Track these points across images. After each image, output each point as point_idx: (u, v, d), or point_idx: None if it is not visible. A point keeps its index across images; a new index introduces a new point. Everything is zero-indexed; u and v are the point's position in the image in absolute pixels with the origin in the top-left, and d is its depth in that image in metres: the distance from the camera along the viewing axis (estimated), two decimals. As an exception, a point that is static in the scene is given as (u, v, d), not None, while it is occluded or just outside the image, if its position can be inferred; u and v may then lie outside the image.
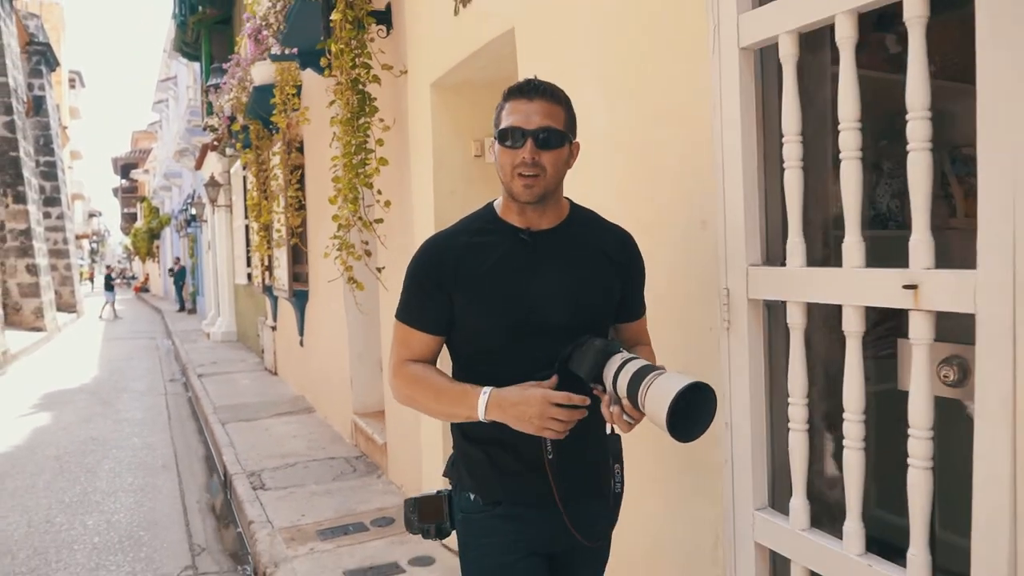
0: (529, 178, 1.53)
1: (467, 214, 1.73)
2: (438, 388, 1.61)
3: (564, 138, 1.56)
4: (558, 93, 1.58)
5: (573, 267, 1.62)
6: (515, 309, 1.58)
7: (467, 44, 3.26)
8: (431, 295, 1.62)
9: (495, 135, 1.59)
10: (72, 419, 8.03)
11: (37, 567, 4.04)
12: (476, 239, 1.62)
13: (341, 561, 3.67)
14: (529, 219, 1.62)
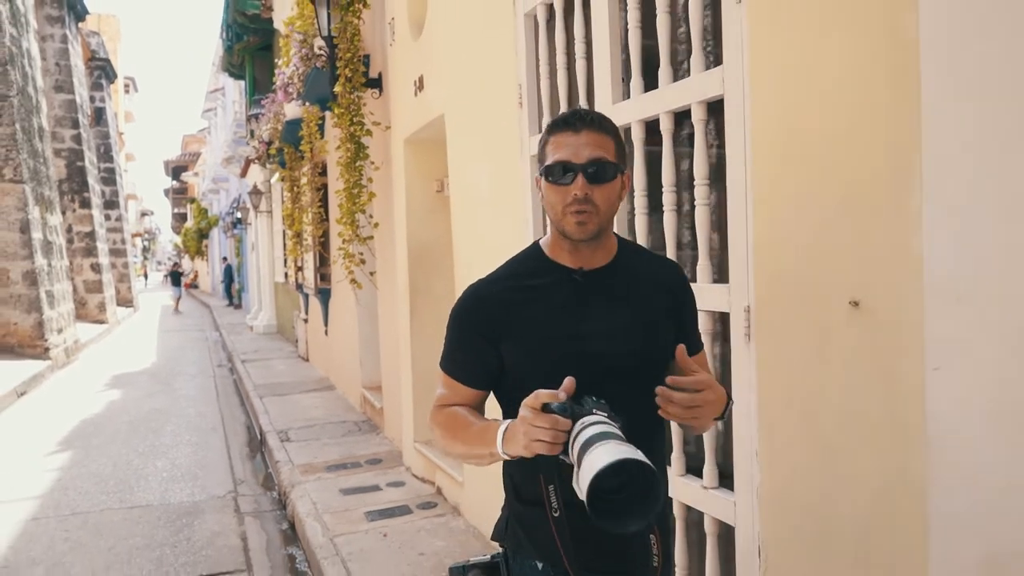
0: (582, 214, 1.42)
1: (511, 257, 1.61)
2: (465, 427, 1.50)
3: (616, 170, 1.45)
4: (606, 123, 1.48)
5: (629, 306, 1.51)
6: (569, 353, 1.45)
7: (422, 117, 4.67)
8: (475, 348, 1.52)
9: (540, 171, 1.48)
10: (138, 395, 9.65)
11: (123, 489, 5.57)
12: (524, 283, 1.51)
13: (339, 484, 5.11)
14: (582, 258, 1.50)
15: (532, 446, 1.28)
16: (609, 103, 2.51)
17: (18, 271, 12.33)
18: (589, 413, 1.26)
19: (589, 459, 1.14)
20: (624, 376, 1.45)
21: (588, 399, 1.30)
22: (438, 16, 4.29)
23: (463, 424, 1.50)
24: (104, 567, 4.15)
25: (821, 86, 1.73)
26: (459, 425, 1.51)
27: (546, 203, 1.48)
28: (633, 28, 2.39)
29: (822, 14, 1.72)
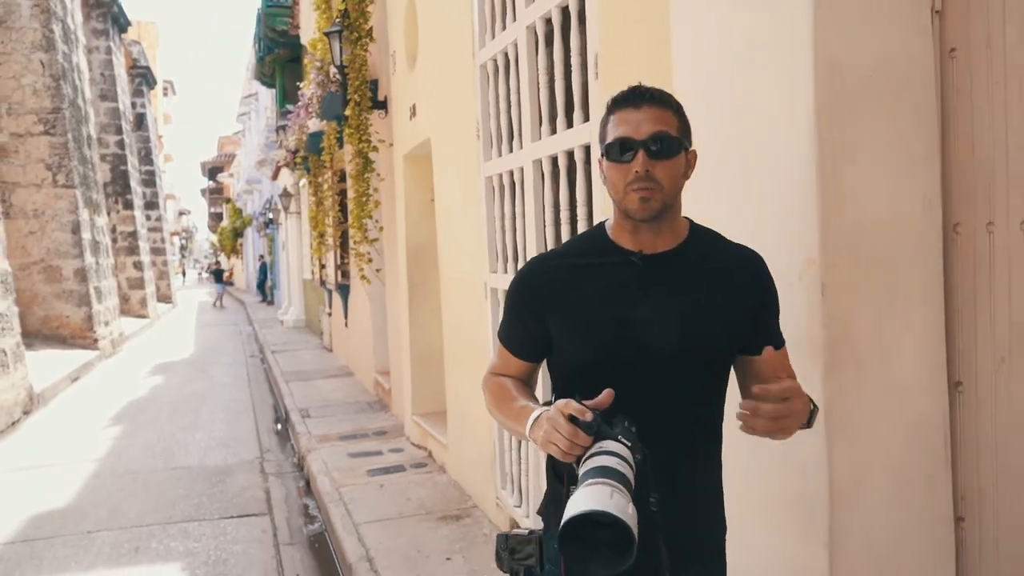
0: (645, 191, 1.37)
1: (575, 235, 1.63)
2: (508, 401, 1.52)
3: (680, 146, 1.40)
4: (668, 98, 1.43)
5: (688, 294, 1.44)
6: (616, 338, 1.42)
7: (415, 138, 5.52)
8: (525, 322, 1.53)
9: (601, 150, 1.44)
10: (178, 381, 10.68)
11: (167, 455, 6.51)
12: (582, 261, 1.49)
13: (347, 450, 5.99)
14: (643, 240, 1.45)
15: (548, 447, 1.29)
16: (529, 141, 3.34)
17: (70, 268, 13.47)
18: (613, 438, 1.24)
19: (577, 495, 1.14)
20: (669, 367, 1.41)
21: (621, 422, 1.28)
22: (424, 56, 5.14)
23: (507, 397, 1.53)
24: (153, 509, 5.08)
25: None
26: (504, 397, 1.54)
27: (608, 184, 1.44)
28: (544, 86, 3.21)
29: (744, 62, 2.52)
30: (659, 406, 1.41)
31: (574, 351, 1.48)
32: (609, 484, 1.14)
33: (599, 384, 1.34)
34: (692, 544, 1.45)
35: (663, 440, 1.37)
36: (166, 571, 4.09)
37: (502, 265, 3.84)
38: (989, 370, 1.83)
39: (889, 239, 1.80)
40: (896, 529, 1.81)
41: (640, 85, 1.43)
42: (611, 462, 1.20)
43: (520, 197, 3.49)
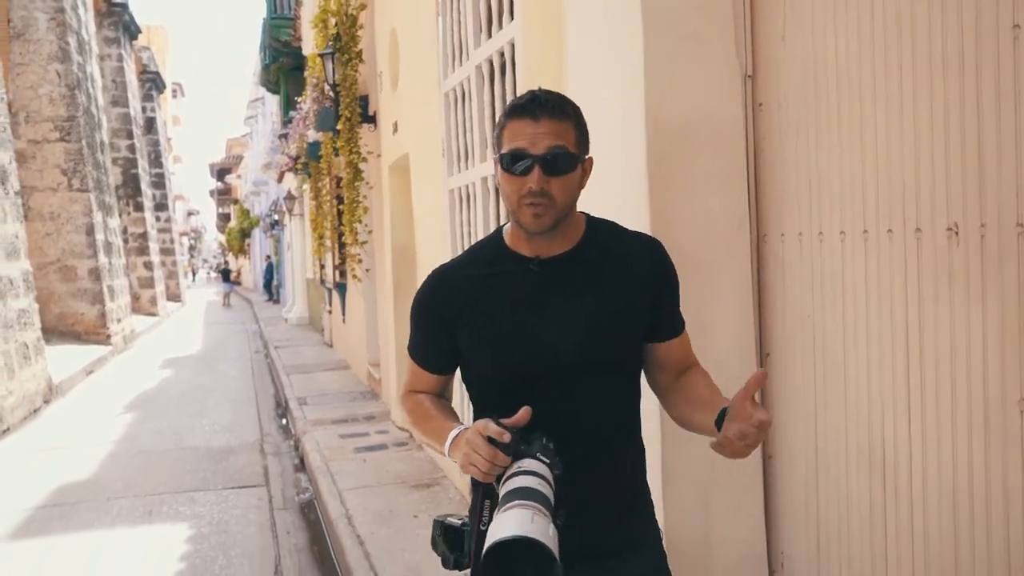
0: (538, 206, 1.36)
1: (476, 242, 1.64)
2: (426, 420, 1.53)
3: (575, 161, 1.38)
4: (566, 107, 1.39)
5: (588, 295, 1.43)
6: (522, 349, 1.42)
7: (397, 151, 6.16)
8: (433, 335, 1.52)
9: (496, 158, 1.42)
10: (187, 374, 11.36)
11: (176, 437, 7.18)
12: (482, 271, 1.48)
13: (338, 431, 6.64)
14: (539, 246, 1.45)
15: (468, 468, 1.29)
16: (478, 161, 3.97)
17: (84, 268, 14.19)
18: (532, 456, 1.27)
19: (499, 519, 1.16)
20: (579, 370, 1.42)
21: (539, 439, 1.31)
22: (404, 79, 5.78)
23: (425, 416, 1.53)
24: (164, 482, 5.74)
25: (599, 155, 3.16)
26: (422, 416, 1.54)
27: (502, 193, 1.43)
28: (488, 117, 3.85)
29: (607, 115, 3.14)
30: (573, 409, 1.42)
31: (481, 362, 1.49)
32: (530, 507, 1.16)
33: (511, 392, 1.39)
34: (622, 536, 1.49)
35: (582, 441, 1.41)
36: (176, 530, 4.74)
37: (462, 265, 4.46)
38: (788, 342, 2.45)
39: (708, 248, 2.42)
40: (714, 467, 2.42)
41: (539, 92, 1.39)
42: (531, 482, 1.22)
43: (473, 207, 4.12)
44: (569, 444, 1.35)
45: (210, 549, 4.39)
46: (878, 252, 2.03)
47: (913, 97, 1.89)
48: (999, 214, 1.68)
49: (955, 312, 1.81)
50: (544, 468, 1.26)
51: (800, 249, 2.34)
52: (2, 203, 8.97)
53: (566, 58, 2.85)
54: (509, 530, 1.12)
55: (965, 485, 1.81)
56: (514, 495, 1.19)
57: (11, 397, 8.07)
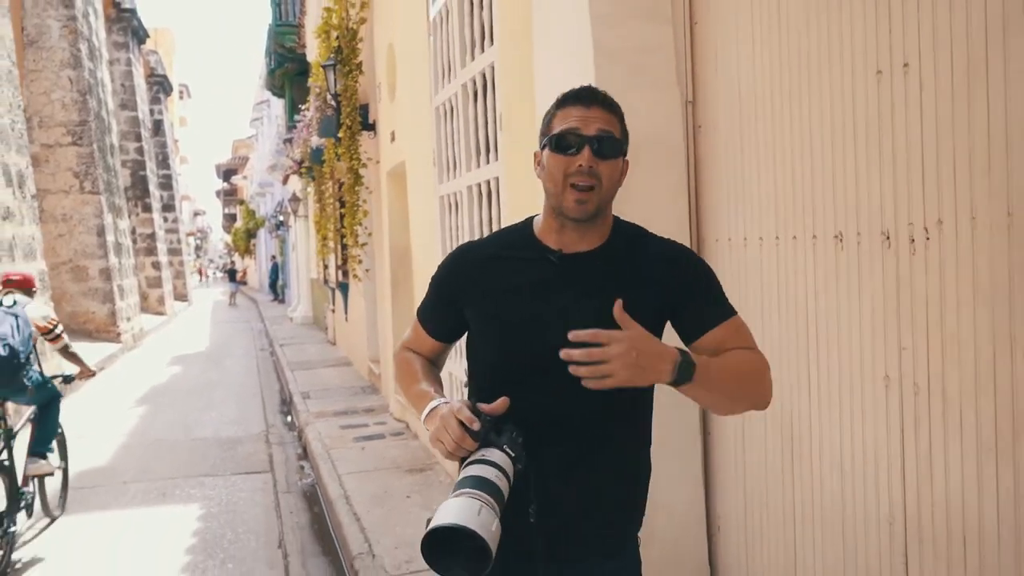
0: (583, 191, 1.38)
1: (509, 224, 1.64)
2: (411, 382, 1.58)
3: (621, 148, 1.43)
4: (615, 105, 1.45)
5: (600, 294, 1.39)
6: (526, 338, 1.43)
7: (395, 158, 6.55)
8: (442, 303, 1.58)
9: (543, 142, 1.44)
10: (195, 371, 11.77)
11: (187, 429, 7.58)
12: (505, 254, 1.51)
13: (339, 423, 7.03)
14: (565, 240, 1.46)
15: (435, 444, 1.34)
16: (465, 171, 4.35)
17: (95, 268, 14.61)
18: (498, 447, 1.29)
19: (448, 503, 1.18)
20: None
21: (509, 432, 1.32)
22: (401, 92, 6.17)
23: (414, 377, 1.58)
24: (176, 468, 6.14)
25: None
26: (409, 376, 1.60)
27: (546, 176, 1.43)
28: (472, 132, 4.22)
29: None
30: (566, 402, 1.40)
31: (485, 343, 1.52)
32: (479, 498, 1.18)
33: (508, 377, 1.44)
34: (597, 539, 1.48)
35: (573, 434, 1.43)
36: (188, 510, 5.13)
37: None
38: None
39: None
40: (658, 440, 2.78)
41: (591, 86, 1.47)
42: (488, 473, 1.24)
43: (459, 213, 4.50)
44: (558, 438, 1.40)
45: (220, 527, 4.78)
46: (786, 254, 2.40)
47: (810, 126, 2.27)
48: (869, 225, 2.05)
49: (840, 304, 2.18)
50: (507, 461, 1.28)
51: (730, 251, 2.72)
52: (20, 206, 9.38)
53: (535, 82, 3.23)
54: (451, 517, 1.15)
55: (849, 447, 2.18)
56: (467, 483, 1.22)
57: (29, 391, 8.47)
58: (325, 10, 8.40)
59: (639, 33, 2.76)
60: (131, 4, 22.19)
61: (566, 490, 1.42)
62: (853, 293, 2.12)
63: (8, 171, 9.07)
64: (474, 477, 1.24)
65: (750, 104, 2.55)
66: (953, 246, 1.80)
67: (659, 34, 2.79)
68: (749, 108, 2.55)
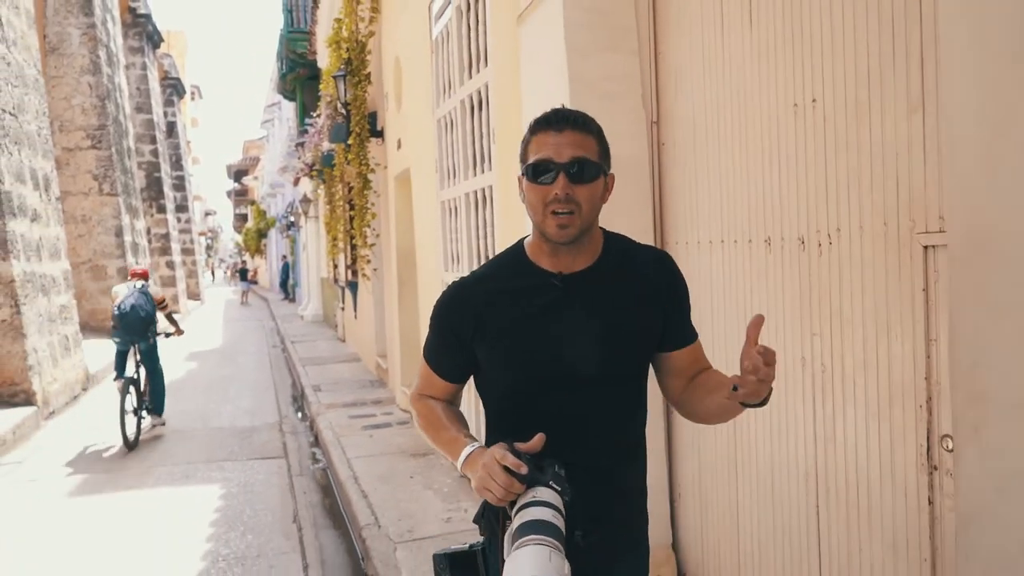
0: (563, 216, 1.41)
1: (496, 254, 1.66)
2: (438, 429, 1.57)
3: (599, 170, 1.45)
4: (589, 123, 1.47)
5: (608, 310, 1.48)
6: (541, 361, 1.47)
7: (401, 165, 6.98)
8: (450, 344, 1.56)
9: (522, 170, 1.47)
10: (210, 366, 12.25)
11: (204, 420, 8.04)
12: (505, 285, 1.52)
13: (348, 413, 7.47)
14: (562, 262, 1.49)
15: (483, 492, 1.33)
16: (462, 179, 4.78)
17: (113, 268, 15.13)
18: (545, 484, 1.31)
19: (516, 556, 1.20)
20: (596, 383, 1.46)
21: (551, 466, 1.34)
22: (407, 103, 6.60)
23: (438, 424, 1.57)
24: (197, 454, 6.59)
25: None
26: (435, 424, 1.58)
27: (527, 203, 1.47)
28: (469, 143, 4.64)
29: None
30: (586, 420, 1.46)
31: (501, 374, 1.52)
32: (547, 544, 1.20)
33: (527, 403, 1.47)
34: (626, 539, 1.55)
35: (593, 452, 1.47)
36: (210, 490, 5.58)
37: (450, 265, 5.30)
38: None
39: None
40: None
41: (563, 108, 1.49)
42: (546, 515, 1.25)
43: (458, 217, 4.93)
44: (582, 455, 1.43)
45: (239, 504, 5.22)
46: (730, 256, 2.81)
47: (745, 147, 2.68)
48: (789, 231, 2.46)
49: (768, 298, 2.59)
50: (556, 498, 1.30)
51: (687, 254, 3.13)
52: (46, 208, 9.87)
53: (522, 102, 3.65)
54: (529, 571, 1.16)
55: (776, 417, 2.59)
56: (529, 528, 1.22)
57: (55, 383, 8.96)
58: (336, 21, 8.86)
59: (609, 63, 3.18)
60: (146, 9, 22.75)
61: (598, 502, 1.45)
62: (778, 289, 2.53)
63: (35, 175, 9.56)
64: (534, 522, 1.24)
65: (701, 126, 2.96)
66: (848, 249, 2.21)
67: (627, 64, 3.21)
68: (700, 129, 2.97)
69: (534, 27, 3.43)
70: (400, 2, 6.54)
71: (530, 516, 1.25)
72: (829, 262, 2.29)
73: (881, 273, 2.10)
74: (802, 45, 2.36)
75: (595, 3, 3.15)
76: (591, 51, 3.15)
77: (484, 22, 4.27)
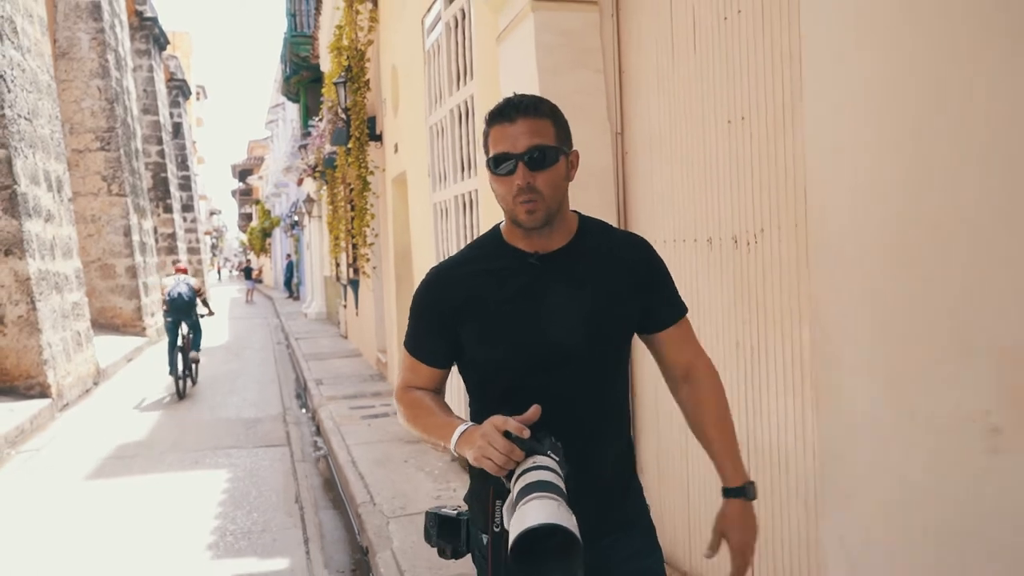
0: (529, 203, 1.45)
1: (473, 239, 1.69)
2: (427, 416, 1.56)
3: (557, 153, 1.47)
4: (541, 106, 1.49)
5: (587, 288, 1.52)
6: (525, 340, 1.49)
7: (398, 168, 7.34)
8: (432, 328, 1.58)
9: (486, 164, 1.51)
10: (217, 361, 12.62)
11: (212, 411, 8.42)
12: (482, 267, 1.55)
13: (348, 404, 7.84)
14: (537, 242, 1.53)
15: (482, 461, 1.34)
16: (452, 183, 5.14)
17: (122, 266, 15.53)
18: (543, 454, 1.32)
19: (522, 510, 1.20)
20: (577, 360, 1.50)
21: (548, 438, 1.36)
22: (403, 109, 6.96)
23: (426, 411, 1.57)
24: (205, 442, 6.97)
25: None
26: (422, 412, 1.57)
27: (496, 195, 1.51)
28: (458, 149, 5.00)
29: None
30: (570, 395, 1.50)
31: (484, 354, 1.54)
32: (552, 498, 1.21)
33: (512, 382, 1.50)
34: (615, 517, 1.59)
35: (577, 426, 1.49)
36: (218, 474, 5.95)
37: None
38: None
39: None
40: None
41: (514, 97, 1.51)
42: (550, 477, 1.27)
43: (448, 218, 5.28)
44: (567, 432, 1.43)
45: (245, 487, 5.59)
46: (682, 254, 3.16)
47: (689, 156, 3.03)
48: (726, 231, 2.81)
49: (711, 292, 2.94)
50: (555, 464, 1.32)
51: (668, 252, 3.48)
52: (58, 209, 10.26)
53: (503, 115, 4.00)
54: (538, 518, 1.17)
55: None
56: (534, 488, 1.24)
57: (69, 377, 9.35)
58: (337, 28, 9.23)
59: (577, 80, 3.53)
60: (153, 13, 23.14)
61: (582, 476, 1.45)
62: (718, 283, 2.89)
63: (49, 177, 9.95)
64: (538, 482, 1.26)
65: (656, 138, 3.31)
66: (769, 247, 2.56)
67: (593, 80, 3.56)
68: (656, 141, 3.32)
69: (511, 47, 3.78)
70: (397, 14, 6.90)
71: (533, 478, 1.27)
72: (755, 259, 2.64)
73: (793, 268, 2.45)
74: (734, 69, 2.71)
75: (564, 26, 3.50)
76: (560, 69, 3.50)
77: (470, 38, 4.62)
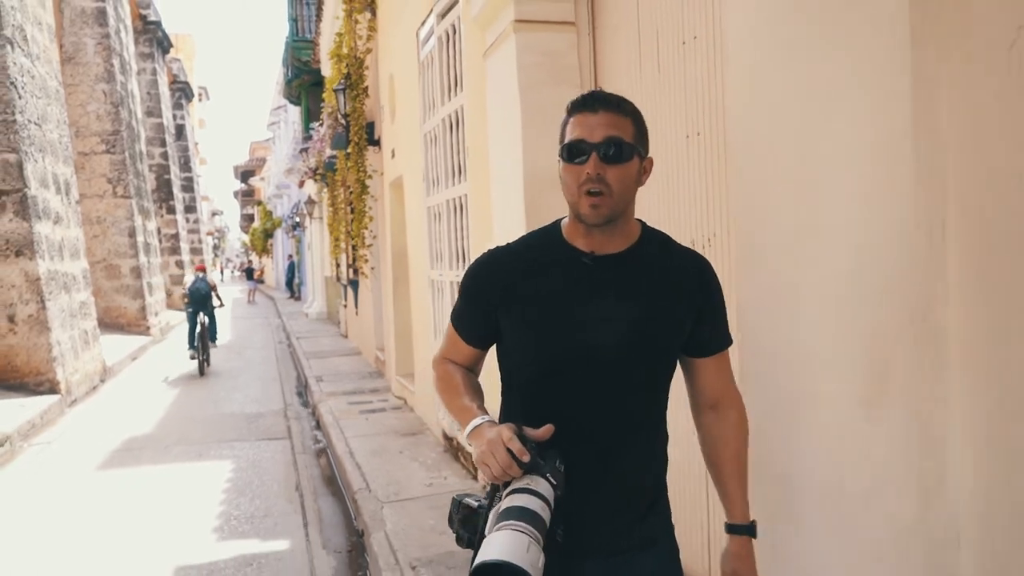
0: (595, 196, 1.41)
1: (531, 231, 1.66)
2: (454, 395, 1.59)
3: (632, 151, 1.45)
4: (625, 105, 1.47)
5: (637, 296, 1.48)
6: (562, 336, 1.46)
7: (395, 172, 7.63)
8: (477, 310, 1.58)
9: (559, 152, 1.48)
10: (220, 359, 12.91)
11: (216, 406, 8.72)
12: (535, 257, 1.54)
13: (347, 400, 8.13)
14: (595, 242, 1.50)
15: (481, 466, 1.35)
16: (444, 188, 5.43)
17: (127, 267, 15.84)
18: (542, 475, 1.32)
19: (492, 537, 1.23)
20: (616, 367, 1.46)
21: (552, 459, 1.36)
22: (399, 116, 7.25)
23: (454, 390, 1.60)
24: (209, 435, 7.26)
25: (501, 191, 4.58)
26: (451, 389, 1.61)
27: (563, 185, 1.47)
28: (449, 156, 5.29)
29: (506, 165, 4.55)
30: (595, 401, 1.47)
31: (520, 345, 1.53)
32: (528, 533, 1.22)
33: (544, 379, 1.48)
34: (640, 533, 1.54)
35: (597, 433, 1.47)
36: (222, 465, 6.24)
37: (435, 263, 5.95)
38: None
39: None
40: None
41: (599, 90, 1.50)
42: (535, 505, 1.27)
43: (440, 221, 5.57)
44: (585, 437, 1.44)
45: (248, 476, 5.88)
46: (648, 256, 3.44)
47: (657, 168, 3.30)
48: (685, 236, 3.10)
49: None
50: (549, 491, 1.31)
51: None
52: (66, 211, 10.56)
53: (488, 124, 4.29)
54: (501, 553, 1.18)
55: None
56: (514, 513, 1.25)
57: (77, 374, 9.65)
58: (337, 35, 9.52)
59: (555, 94, 3.81)
60: (156, 16, 23.47)
61: (602, 484, 1.46)
62: (678, 281, 3.17)
63: (57, 180, 10.25)
64: (521, 508, 1.27)
65: (629, 148, 3.59)
66: (720, 250, 2.85)
67: (570, 95, 3.83)
68: (628, 151, 3.60)
69: (496, 63, 4.07)
70: (394, 23, 7.19)
71: (519, 502, 1.28)
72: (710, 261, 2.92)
73: (734, 268, 2.73)
74: (690, 89, 2.99)
75: (544, 47, 3.79)
76: (540, 86, 3.79)
77: (460, 52, 4.91)
